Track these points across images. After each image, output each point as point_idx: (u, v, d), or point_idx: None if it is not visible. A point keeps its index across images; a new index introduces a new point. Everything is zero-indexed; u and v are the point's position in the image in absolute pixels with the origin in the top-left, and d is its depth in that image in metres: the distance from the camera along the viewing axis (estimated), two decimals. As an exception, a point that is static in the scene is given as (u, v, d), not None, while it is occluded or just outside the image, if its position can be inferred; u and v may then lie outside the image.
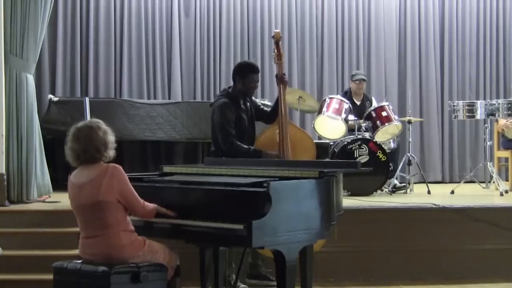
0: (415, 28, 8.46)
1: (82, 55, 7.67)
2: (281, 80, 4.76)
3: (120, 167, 3.42)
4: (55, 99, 6.70)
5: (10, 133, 5.46)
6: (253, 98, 4.97)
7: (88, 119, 5.78)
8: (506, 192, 6.40)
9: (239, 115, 4.72)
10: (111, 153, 3.47)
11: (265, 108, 5.11)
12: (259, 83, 7.83)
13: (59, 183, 6.10)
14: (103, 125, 3.49)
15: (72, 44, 7.60)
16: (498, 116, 6.70)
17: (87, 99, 6.19)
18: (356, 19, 8.36)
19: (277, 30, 4.93)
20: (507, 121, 7.00)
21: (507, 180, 7.16)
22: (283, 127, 4.64)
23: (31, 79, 5.63)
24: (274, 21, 8.13)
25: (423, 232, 5.15)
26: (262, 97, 7.67)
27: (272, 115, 4.83)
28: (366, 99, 7.03)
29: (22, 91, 5.51)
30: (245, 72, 4.75)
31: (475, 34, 8.56)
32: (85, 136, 3.40)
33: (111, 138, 3.48)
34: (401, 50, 8.48)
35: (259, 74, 4.84)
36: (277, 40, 4.80)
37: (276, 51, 4.80)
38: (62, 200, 5.37)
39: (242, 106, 4.77)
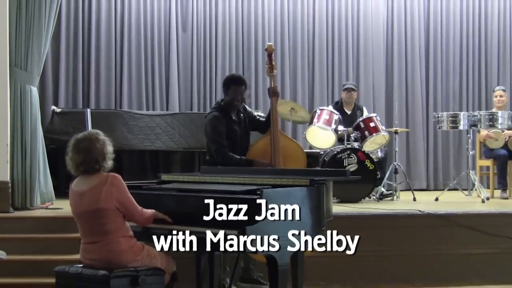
0: (401, 43, 8.54)
1: (84, 68, 7.71)
2: (273, 92, 4.76)
3: (120, 176, 3.47)
4: (58, 110, 6.78)
5: (14, 142, 5.51)
6: (248, 109, 4.98)
7: (89, 130, 5.92)
8: (487, 199, 6.49)
9: (230, 127, 4.75)
10: (110, 163, 3.49)
11: (261, 119, 5.13)
12: (253, 95, 8.07)
13: (61, 191, 6.18)
14: (101, 136, 3.51)
15: (75, 58, 7.65)
16: (480, 127, 6.82)
17: (88, 110, 6.26)
18: (346, 34, 8.44)
19: (270, 43, 4.89)
20: (488, 132, 7.07)
21: (488, 188, 7.23)
22: (274, 137, 4.67)
23: (35, 91, 5.67)
24: (267, 35, 8.20)
25: (409, 237, 5.21)
26: (256, 108, 7.69)
27: (267, 125, 4.81)
28: (357, 109, 7.03)
29: (26, 102, 5.55)
30: (229, 84, 4.75)
31: (459, 50, 8.66)
32: (84, 148, 3.43)
33: (109, 149, 3.50)
34: (388, 64, 8.55)
35: (244, 86, 4.77)
36: (269, 52, 4.75)
37: (268, 63, 4.77)
38: (64, 207, 5.43)
39: (234, 118, 4.78)
